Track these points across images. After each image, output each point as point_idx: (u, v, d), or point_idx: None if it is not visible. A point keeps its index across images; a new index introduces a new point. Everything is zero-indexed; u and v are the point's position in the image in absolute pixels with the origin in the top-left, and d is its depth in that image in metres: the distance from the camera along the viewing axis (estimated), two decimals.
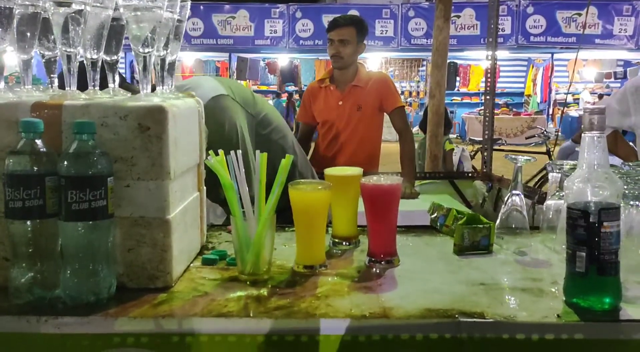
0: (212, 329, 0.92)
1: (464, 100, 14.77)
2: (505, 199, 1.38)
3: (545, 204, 1.43)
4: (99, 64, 1.10)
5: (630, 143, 2.62)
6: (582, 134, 1.02)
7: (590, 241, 0.96)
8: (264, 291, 1.05)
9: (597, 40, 11.08)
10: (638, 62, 13.14)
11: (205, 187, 1.33)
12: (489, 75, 3.53)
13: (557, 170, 1.41)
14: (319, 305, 0.99)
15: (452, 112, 13.04)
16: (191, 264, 1.20)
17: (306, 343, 0.92)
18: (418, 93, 14.74)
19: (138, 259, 1.03)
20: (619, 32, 11.10)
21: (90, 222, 0.94)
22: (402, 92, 14.95)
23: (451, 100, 14.00)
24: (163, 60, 1.14)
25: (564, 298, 1.01)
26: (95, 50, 1.08)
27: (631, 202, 1.10)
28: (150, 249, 1.03)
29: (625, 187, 1.12)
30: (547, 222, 1.40)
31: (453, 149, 5.20)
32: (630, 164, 1.32)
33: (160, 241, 1.03)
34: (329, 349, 0.92)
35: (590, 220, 0.97)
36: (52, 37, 1.07)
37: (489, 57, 3.49)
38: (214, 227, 1.49)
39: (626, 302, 0.99)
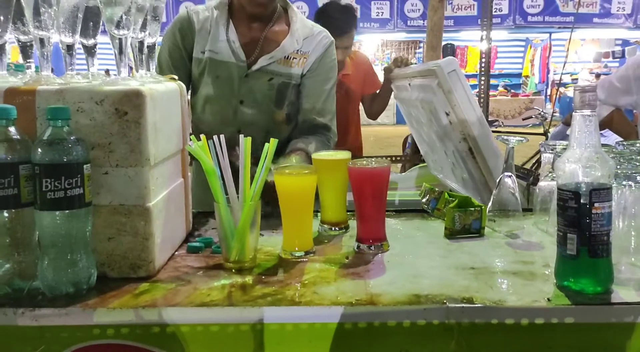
0: (193, 319, 0.90)
1: None
2: (497, 181, 1.36)
3: (538, 185, 1.41)
4: (75, 47, 1.06)
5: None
6: (573, 113, 0.99)
7: (581, 222, 0.94)
8: (249, 279, 1.03)
9: (595, 19, 10.95)
10: (636, 41, 13.04)
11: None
12: (484, 56, 3.48)
13: (550, 151, 1.38)
14: (305, 292, 0.96)
15: None
16: (176, 253, 1.18)
17: (291, 332, 0.90)
18: None
19: (119, 248, 1.01)
20: (617, 10, 10.96)
21: (67, 211, 0.91)
22: None
23: None
24: (141, 42, 1.10)
25: (555, 281, 0.99)
26: (71, 34, 1.04)
27: (624, 183, 1.07)
28: (131, 238, 1.01)
29: (618, 167, 1.09)
30: (540, 203, 1.38)
31: None
32: (624, 143, 1.29)
33: (142, 229, 1.01)
34: (315, 337, 0.90)
35: (581, 201, 0.94)
36: (27, 20, 1.04)
37: (484, 38, 3.45)
38: (201, 213, 1.47)
39: (618, 285, 0.97)
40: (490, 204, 1.35)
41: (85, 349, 0.89)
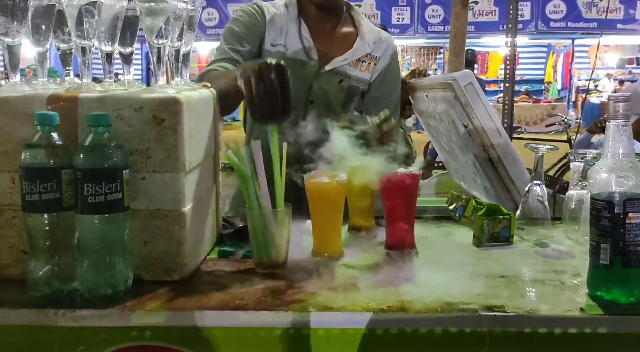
0: (227, 322, 0.91)
1: None
2: (526, 189, 1.35)
3: (567, 194, 1.40)
4: (114, 56, 1.10)
5: None
6: (607, 123, 0.99)
7: (614, 232, 0.94)
8: (280, 284, 1.04)
9: (619, 25, 10.83)
10: None
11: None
12: (508, 62, 3.47)
13: (580, 160, 1.38)
14: (336, 298, 0.97)
15: None
16: (208, 256, 1.19)
17: (323, 337, 0.91)
18: None
19: (154, 251, 1.03)
20: None
21: (107, 215, 0.94)
22: None
23: None
24: (177, 51, 1.13)
25: (588, 291, 0.99)
26: (110, 42, 1.07)
27: None
28: (166, 242, 1.03)
29: None
30: (569, 212, 1.37)
31: None
32: None
33: (176, 233, 1.03)
34: (347, 343, 0.91)
35: (615, 211, 0.94)
36: (67, 29, 1.07)
37: (508, 44, 3.43)
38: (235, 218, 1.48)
39: None
40: (518, 212, 1.35)
41: (123, 350, 0.92)
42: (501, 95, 3.87)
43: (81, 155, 0.93)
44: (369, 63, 1.72)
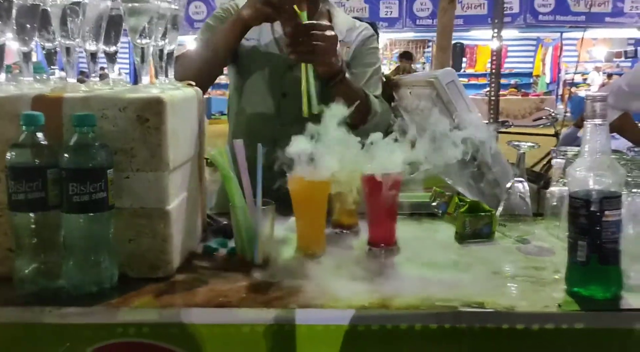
0: (212, 319, 0.93)
1: (471, 82, 14.63)
2: (508, 185, 1.38)
3: (549, 190, 1.43)
4: (99, 55, 1.10)
5: None
6: (585, 122, 1.01)
7: (591, 230, 0.96)
8: (263, 281, 1.06)
9: (608, 19, 10.88)
10: None
11: None
12: (494, 56, 3.50)
13: (562, 157, 1.40)
14: (319, 295, 0.99)
15: None
16: (192, 254, 1.21)
17: (306, 333, 0.93)
18: None
19: (139, 249, 1.04)
20: (630, 9, 10.88)
21: (91, 214, 0.95)
22: None
23: None
24: (161, 50, 1.13)
25: (566, 287, 1.01)
26: (94, 42, 1.07)
27: (634, 190, 1.09)
28: (150, 240, 1.04)
29: (629, 174, 1.11)
30: (551, 209, 1.39)
31: None
32: (635, 149, 1.31)
33: (161, 231, 1.04)
34: (330, 340, 0.93)
35: (592, 209, 0.96)
36: (52, 28, 1.07)
37: (495, 37, 3.46)
38: (220, 215, 1.49)
39: (628, 291, 0.99)
40: (501, 208, 1.37)
41: (108, 347, 0.93)
42: (489, 89, 3.90)
43: (66, 155, 0.94)
44: (343, 48, 1.69)
